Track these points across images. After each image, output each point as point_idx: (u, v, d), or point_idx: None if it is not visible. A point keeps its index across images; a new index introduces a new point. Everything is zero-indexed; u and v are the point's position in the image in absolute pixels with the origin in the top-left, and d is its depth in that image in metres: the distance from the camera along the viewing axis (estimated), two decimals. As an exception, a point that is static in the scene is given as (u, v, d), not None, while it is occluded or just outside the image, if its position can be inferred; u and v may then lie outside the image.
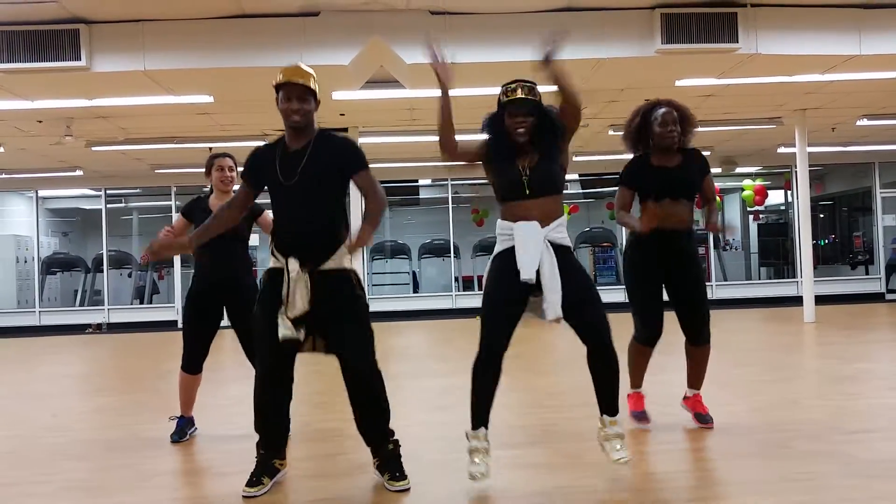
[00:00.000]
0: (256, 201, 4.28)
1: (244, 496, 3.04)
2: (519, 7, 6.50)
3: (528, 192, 3.10)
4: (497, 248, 3.21)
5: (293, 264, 3.01)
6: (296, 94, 3.10)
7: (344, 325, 3.09)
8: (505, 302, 3.09)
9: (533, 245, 3.04)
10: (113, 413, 5.20)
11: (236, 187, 4.16)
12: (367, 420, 3.19)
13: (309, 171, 3.07)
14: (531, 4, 6.48)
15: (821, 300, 10.65)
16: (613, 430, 3.12)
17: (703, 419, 3.98)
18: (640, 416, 4.04)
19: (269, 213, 4.28)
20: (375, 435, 3.21)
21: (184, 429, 4.13)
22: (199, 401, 4.29)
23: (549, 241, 3.08)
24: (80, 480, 3.47)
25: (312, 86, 3.14)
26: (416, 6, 6.42)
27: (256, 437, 4.01)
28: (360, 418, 3.19)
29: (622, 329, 4.18)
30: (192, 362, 4.08)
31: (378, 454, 3.22)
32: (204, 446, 4.06)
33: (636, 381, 4.08)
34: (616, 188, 4.00)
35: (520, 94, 3.13)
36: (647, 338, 3.89)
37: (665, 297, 3.93)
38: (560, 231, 3.14)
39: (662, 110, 3.81)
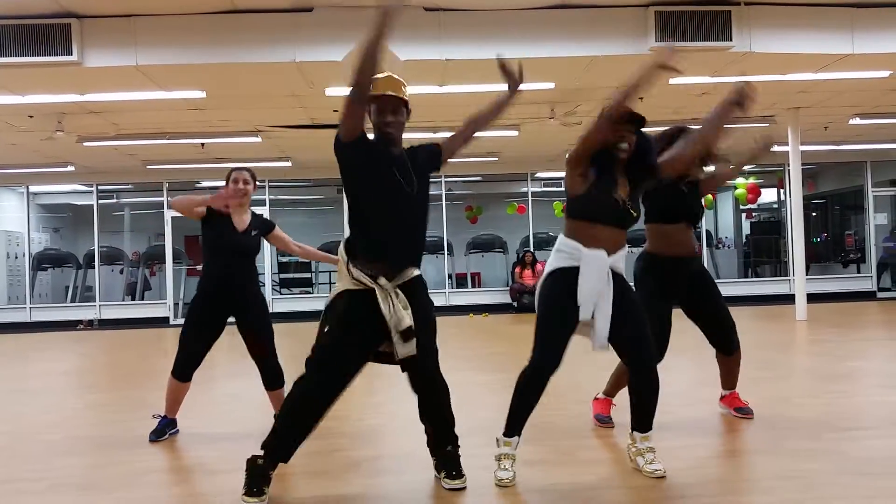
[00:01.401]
0: (264, 217, 4.28)
1: None
2: (512, 4, 6.49)
3: (620, 221, 3.11)
4: (557, 263, 3.16)
5: (384, 283, 2.90)
6: (391, 107, 3.01)
7: (425, 330, 3.01)
8: (564, 323, 3.10)
9: (598, 282, 3.05)
10: (105, 410, 5.18)
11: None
12: (439, 422, 3.15)
13: (420, 179, 3.03)
14: (525, 1, 6.47)
15: (812, 298, 10.69)
16: (645, 444, 3.17)
17: (743, 411, 4.09)
18: (606, 419, 4.07)
19: (280, 231, 4.28)
20: (443, 438, 3.16)
21: (164, 429, 4.10)
22: (192, 398, 4.27)
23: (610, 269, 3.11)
24: (72, 477, 3.45)
25: (405, 97, 3.05)
26: (411, 2, 6.39)
27: (248, 434, 4.00)
28: (433, 422, 3.16)
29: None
30: (185, 370, 4.04)
31: (436, 454, 3.18)
32: (197, 444, 4.04)
33: (614, 390, 4.10)
34: None
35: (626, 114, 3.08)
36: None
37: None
38: (621, 261, 3.17)
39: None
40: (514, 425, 3.15)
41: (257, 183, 4.26)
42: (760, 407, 4.43)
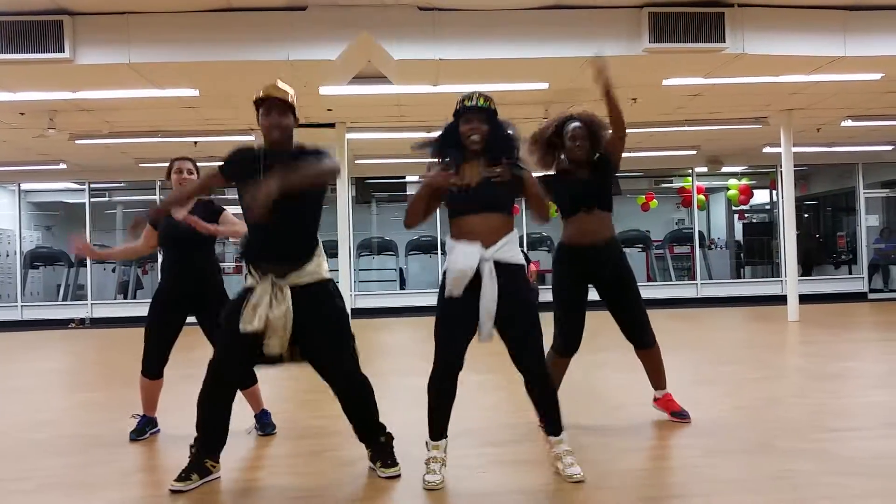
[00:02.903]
0: (220, 203, 4.24)
1: (171, 490, 3.04)
2: (507, 4, 6.49)
3: (473, 206, 3.10)
4: (446, 264, 3.20)
5: (264, 285, 3.03)
6: (275, 109, 3.12)
7: (328, 336, 3.12)
8: (459, 318, 3.08)
9: (463, 266, 3.02)
10: (95, 409, 5.16)
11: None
12: (358, 422, 3.30)
13: None
14: (520, 2, 6.47)
15: (804, 299, 10.74)
16: (561, 448, 3.15)
17: (679, 415, 4.04)
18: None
19: (229, 214, 4.12)
20: (368, 433, 3.32)
21: (144, 428, 4.09)
22: (176, 397, 4.27)
23: (495, 262, 3.06)
24: (61, 477, 3.44)
25: (291, 101, 3.16)
26: (405, 2, 6.39)
27: (233, 433, 3.99)
28: (352, 421, 3.31)
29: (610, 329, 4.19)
30: (152, 367, 4.03)
31: (371, 447, 3.32)
32: (183, 443, 3.97)
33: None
34: None
35: (476, 100, 3.13)
36: (564, 350, 3.92)
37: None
38: (509, 250, 3.11)
39: (574, 125, 3.87)
40: (436, 429, 3.15)
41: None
42: (750, 407, 4.45)
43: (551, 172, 3.97)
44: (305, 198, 3.12)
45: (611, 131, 3.79)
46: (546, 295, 3.21)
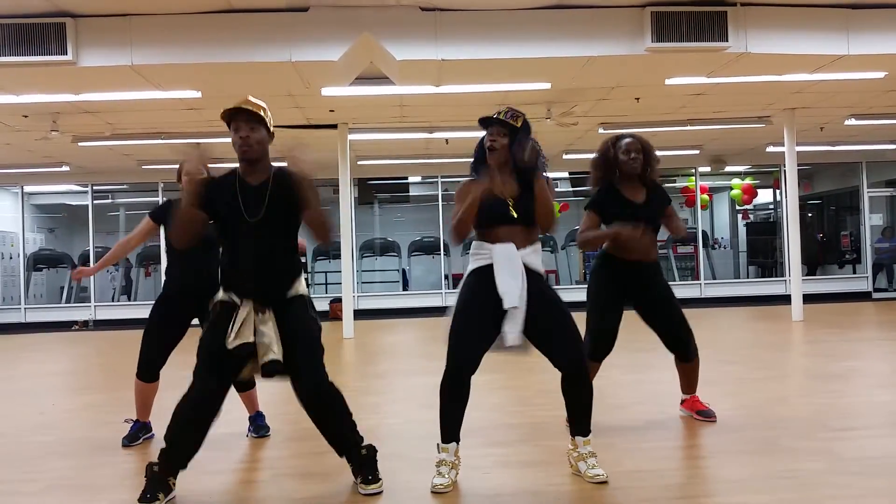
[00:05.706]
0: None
1: None
2: (509, 4, 6.48)
3: (514, 218, 3.11)
4: (471, 266, 3.20)
5: (246, 306, 2.95)
6: (244, 120, 3.00)
7: (304, 345, 3.02)
8: (478, 321, 3.08)
9: (512, 270, 3.05)
10: (99, 411, 5.16)
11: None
12: (333, 433, 3.15)
13: (273, 208, 2.99)
14: (521, 1, 6.46)
15: (809, 299, 10.71)
16: (587, 448, 3.15)
17: (705, 414, 4.06)
18: None
19: None
20: (345, 446, 3.15)
21: (136, 433, 4.03)
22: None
23: (524, 265, 3.10)
24: (66, 479, 3.44)
25: (263, 114, 3.05)
26: (407, 2, 6.39)
27: (238, 434, 3.99)
28: (326, 433, 3.15)
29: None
30: (149, 370, 3.94)
31: (351, 461, 3.15)
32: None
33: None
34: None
35: (501, 116, 3.14)
36: (596, 357, 3.93)
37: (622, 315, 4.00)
38: (535, 256, 3.17)
39: (627, 140, 3.95)
40: (448, 432, 3.13)
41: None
42: (756, 406, 4.44)
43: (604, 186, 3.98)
44: (291, 229, 3.08)
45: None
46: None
